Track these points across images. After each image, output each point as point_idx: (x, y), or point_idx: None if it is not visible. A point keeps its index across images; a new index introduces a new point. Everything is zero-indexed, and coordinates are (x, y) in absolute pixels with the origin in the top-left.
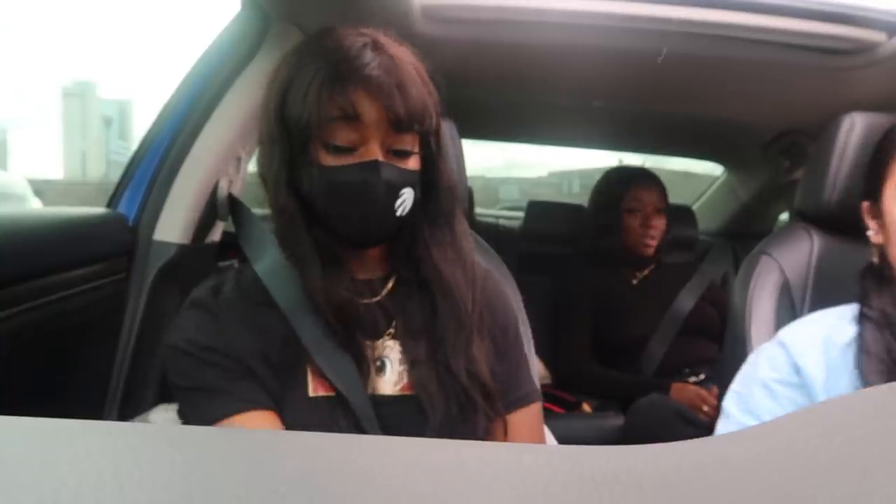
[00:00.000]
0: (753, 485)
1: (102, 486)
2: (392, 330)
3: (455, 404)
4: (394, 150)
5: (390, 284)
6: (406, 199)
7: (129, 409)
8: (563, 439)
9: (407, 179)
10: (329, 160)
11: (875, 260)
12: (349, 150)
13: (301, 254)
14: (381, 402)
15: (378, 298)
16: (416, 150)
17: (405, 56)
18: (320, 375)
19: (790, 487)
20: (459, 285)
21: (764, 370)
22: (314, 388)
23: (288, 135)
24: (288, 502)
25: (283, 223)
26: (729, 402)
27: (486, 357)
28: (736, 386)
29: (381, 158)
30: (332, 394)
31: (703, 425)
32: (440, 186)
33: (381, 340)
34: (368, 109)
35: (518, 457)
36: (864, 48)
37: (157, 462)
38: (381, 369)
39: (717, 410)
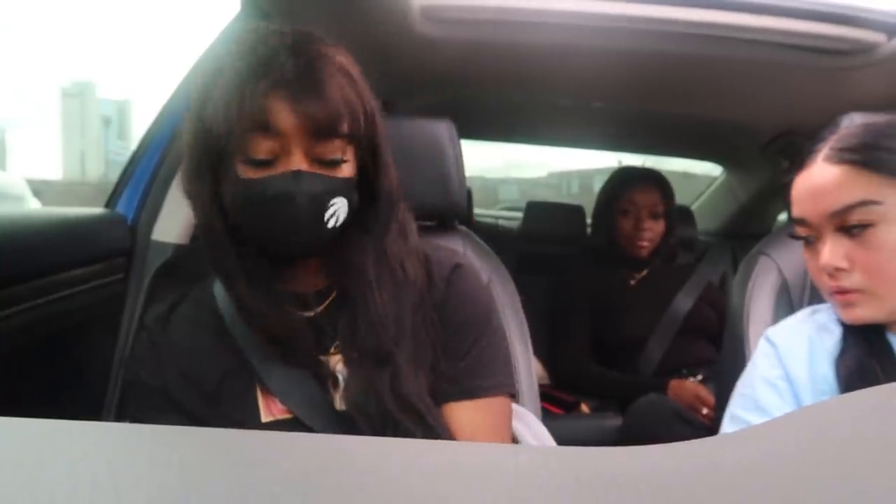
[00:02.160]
0: (751, 486)
1: (97, 486)
2: (338, 343)
3: (383, 424)
4: (320, 159)
5: (333, 296)
6: (338, 209)
7: (128, 409)
8: (561, 440)
9: (336, 188)
10: (249, 172)
11: None
12: (269, 161)
13: (228, 272)
14: (342, 417)
15: (317, 311)
16: (348, 156)
17: (331, 55)
18: (272, 397)
19: (787, 488)
20: (379, 296)
21: (763, 368)
22: (267, 412)
23: (209, 146)
24: (282, 502)
25: (211, 241)
26: (735, 406)
27: (418, 373)
28: (740, 388)
29: (303, 168)
30: (288, 416)
31: (701, 426)
32: (377, 194)
33: (329, 356)
34: (284, 118)
35: (515, 458)
36: (862, 49)
37: (153, 462)
38: (336, 384)
39: (715, 410)
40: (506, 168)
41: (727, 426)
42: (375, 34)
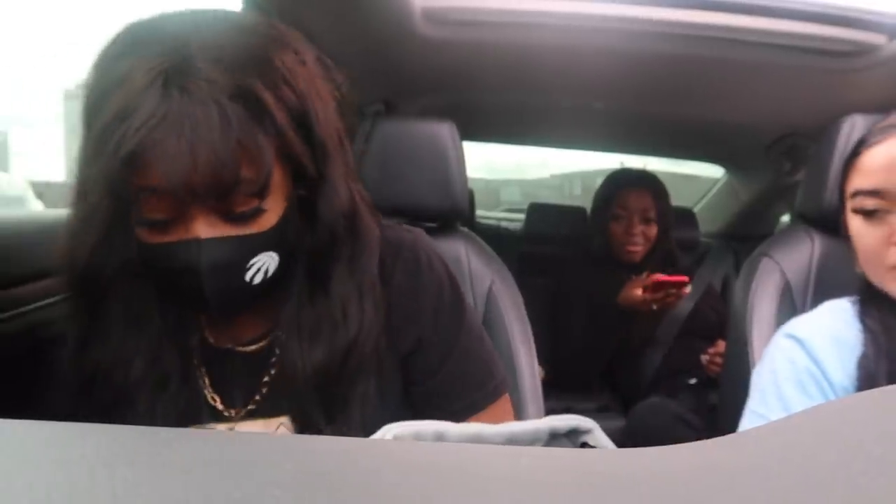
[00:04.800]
0: (752, 488)
1: (96, 488)
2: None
3: None
4: (228, 214)
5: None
6: (263, 265)
7: None
8: None
9: (254, 247)
10: (145, 233)
11: (859, 268)
12: (164, 222)
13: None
14: None
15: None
16: (270, 202)
17: (220, 82)
18: None
19: (788, 490)
20: (308, 352)
21: (787, 363)
22: None
23: (93, 190)
24: None
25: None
26: (755, 403)
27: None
28: (758, 385)
29: (204, 235)
30: None
31: (704, 429)
32: (316, 227)
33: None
34: (164, 179)
35: (517, 459)
36: (864, 50)
37: (153, 464)
38: None
39: (717, 412)
40: (508, 169)
41: (746, 424)
42: (377, 36)
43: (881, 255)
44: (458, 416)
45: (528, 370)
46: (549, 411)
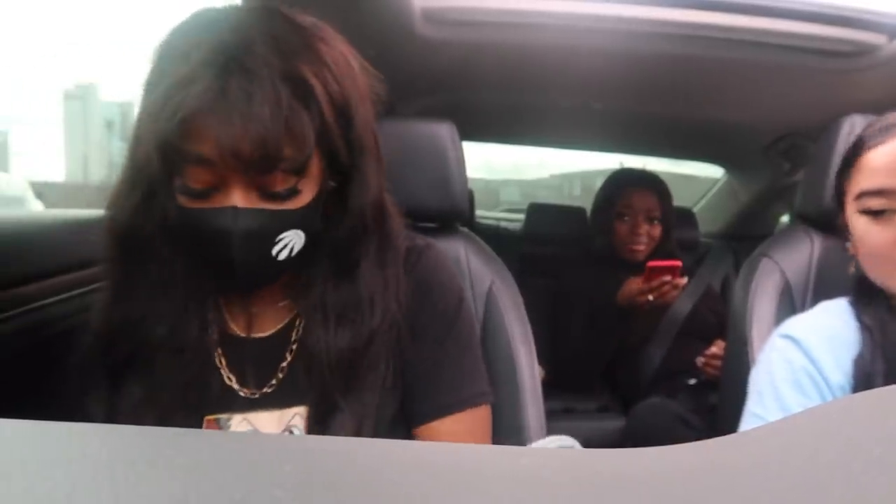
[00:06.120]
0: (752, 488)
1: (97, 488)
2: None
3: None
4: (265, 190)
5: (291, 317)
6: (290, 242)
7: None
8: None
9: (286, 223)
10: (186, 200)
11: (853, 269)
12: (205, 192)
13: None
14: None
15: (271, 333)
16: (304, 184)
17: (275, 66)
18: None
19: (788, 491)
20: (333, 336)
21: (783, 363)
22: None
23: (141, 161)
24: None
25: (136, 256)
26: (753, 405)
27: (364, 423)
28: (756, 386)
29: (241, 204)
30: None
31: (704, 429)
32: (346, 215)
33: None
34: (210, 147)
35: (517, 459)
36: (864, 50)
37: (154, 465)
38: None
39: (717, 413)
40: (508, 170)
41: (745, 425)
42: (377, 36)
43: (889, 255)
44: (428, 416)
45: (528, 370)
46: (549, 411)
